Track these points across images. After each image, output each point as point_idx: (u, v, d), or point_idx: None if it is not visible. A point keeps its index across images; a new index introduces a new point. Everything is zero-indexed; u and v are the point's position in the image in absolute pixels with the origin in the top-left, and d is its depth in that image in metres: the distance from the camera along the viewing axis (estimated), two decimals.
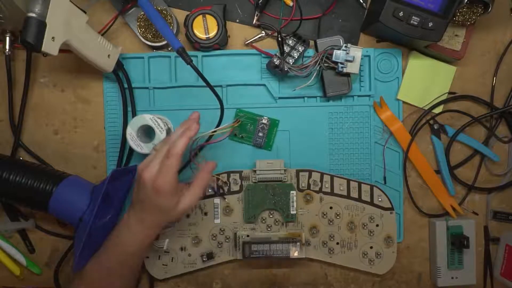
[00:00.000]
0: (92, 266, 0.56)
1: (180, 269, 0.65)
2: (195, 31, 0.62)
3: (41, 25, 0.49)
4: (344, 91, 0.64)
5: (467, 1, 0.57)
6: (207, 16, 0.62)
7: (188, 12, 0.63)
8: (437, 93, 0.67)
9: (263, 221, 0.65)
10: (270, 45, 0.66)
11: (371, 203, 0.65)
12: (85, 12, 0.56)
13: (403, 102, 0.67)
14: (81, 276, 0.57)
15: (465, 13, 0.60)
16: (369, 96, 0.66)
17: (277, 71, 0.62)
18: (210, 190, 0.64)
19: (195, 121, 0.54)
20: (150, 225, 0.54)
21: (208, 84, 0.58)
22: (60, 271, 0.66)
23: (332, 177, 0.65)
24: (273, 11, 0.65)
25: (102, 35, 0.59)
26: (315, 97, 0.66)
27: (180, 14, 0.65)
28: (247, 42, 0.66)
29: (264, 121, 0.66)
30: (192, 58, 0.57)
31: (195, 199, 0.54)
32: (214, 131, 0.62)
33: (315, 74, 0.62)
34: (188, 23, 0.62)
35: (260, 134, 0.66)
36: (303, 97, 0.66)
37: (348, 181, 0.65)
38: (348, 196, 0.65)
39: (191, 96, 0.66)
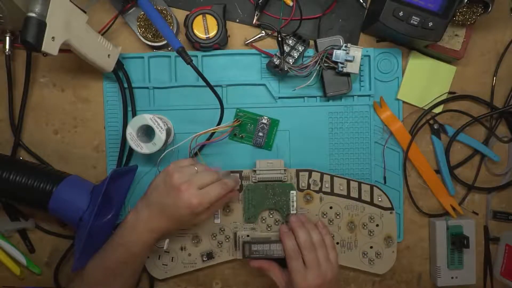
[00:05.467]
0: (93, 265, 0.56)
1: (180, 269, 0.65)
2: (195, 31, 0.62)
3: (41, 25, 0.49)
4: (344, 91, 0.64)
5: (467, 1, 0.57)
6: (207, 16, 0.62)
7: (188, 12, 0.63)
8: (437, 93, 0.67)
9: (263, 221, 0.65)
10: (270, 45, 0.66)
11: (371, 203, 0.65)
12: (85, 12, 0.56)
13: (403, 102, 0.67)
14: (82, 275, 0.57)
15: (465, 13, 0.60)
16: (369, 96, 0.66)
17: (277, 71, 0.62)
18: None
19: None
20: (159, 230, 0.55)
21: (208, 84, 0.58)
22: (60, 271, 0.66)
23: (332, 177, 0.65)
24: (273, 11, 0.65)
25: (102, 35, 0.60)
26: (315, 97, 0.66)
27: (180, 14, 0.65)
28: (247, 42, 0.66)
29: (264, 121, 0.66)
30: (192, 58, 0.57)
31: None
32: (214, 130, 0.62)
33: (315, 74, 0.62)
34: (188, 23, 0.62)
35: (260, 134, 0.66)
36: (303, 97, 0.66)
37: (348, 181, 0.65)
38: (348, 196, 0.65)
39: (191, 96, 0.66)
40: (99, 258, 0.56)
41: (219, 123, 0.62)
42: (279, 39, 0.60)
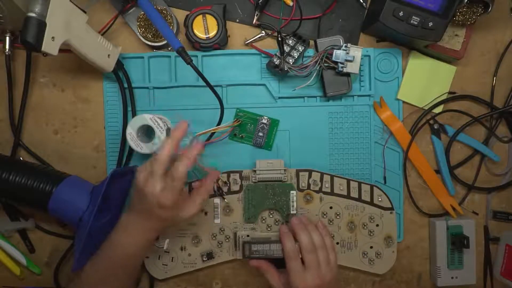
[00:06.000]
0: (90, 267, 0.56)
1: (180, 269, 0.65)
2: (195, 31, 0.62)
3: (41, 25, 0.49)
4: (344, 91, 0.64)
5: (467, 1, 0.57)
6: (207, 16, 0.62)
7: (188, 12, 0.63)
8: (437, 93, 0.67)
9: (263, 221, 0.65)
10: (270, 45, 0.66)
11: (371, 203, 0.65)
12: (85, 12, 0.56)
13: (403, 102, 0.67)
14: (79, 277, 0.57)
15: (465, 13, 0.60)
16: (369, 96, 0.66)
17: (277, 71, 0.62)
18: None
19: (197, 147, 0.53)
20: (149, 229, 0.55)
21: (208, 84, 0.58)
22: (60, 271, 0.66)
23: (332, 177, 0.65)
24: (273, 11, 0.65)
25: (102, 35, 0.59)
26: (315, 97, 0.66)
27: (180, 14, 0.65)
28: (247, 42, 0.66)
29: (264, 121, 0.66)
30: (192, 58, 0.57)
31: (197, 208, 0.55)
32: (214, 130, 0.62)
33: (315, 74, 0.62)
34: (188, 23, 0.62)
35: (260, 134, 0.66)
36: (303, 97, 0.66)
37: (348, 181, 0.65)
38: (348, 196, 0.65)
39: (191, 96, 0.66)
40: (96, 259, 0.56)
41: (219, 123, 0.62)
42: (279, 39, 0.60)
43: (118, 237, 0.55)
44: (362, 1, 0.66)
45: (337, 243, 0.65)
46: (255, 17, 0.64)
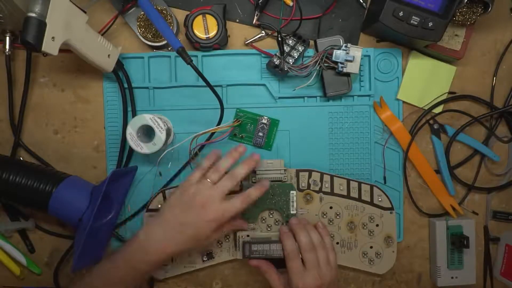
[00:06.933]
0: (97, 274, 0.54)
1: (180, 269, 0.65)
2: (195, 31, 0.62)
3: (41, 25, 0.49)
4: (344, 91, 0.64)
5: (467, 1, 0.57)
6: (207, 16, 0.62)
7: (188, 12, 0.63)
8: (437, 93, 0.67)
9: (263, 221, 0.65)
10: (270, 45, 0.66)
11: (371, 203, 0.65)
12: (85, 12, 0.56)
13: (403, 102, 0.67)
14: (84, 282, 0.55)
15: (465, 13, 0.60)
16: (369, 96, 0.66)
17: (277, 71, 0.62)
18: None
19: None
20: (172, 251, 0.54)
21: (208, 84, 0.58)
22: (60, 271, 0.66)
23: (332, 177, 0.65)
24: (273, 11, 0.65)
25: (102, 35, 0.60)
26: (315, 97, 0.66)
27: (180, 14, 0.65)
28: (247, 42, 0.66)
29: (264, 121, 0.66)
30: (192, 58, 0.57)
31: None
32: (214, 130, 0.62)
33: (315, 74, 0.62)
34: (188, 23, 0.62)
35: (260, 134, 0.66)
36: (303, 97, 0.66)
37: (348, 181, 0.65)
38: (348, 196, 0.65)
39: (191, 96, 0.66)
40: (104, 268, 0.55)
41: (219, 123, 0.62)
42: (279, 39, 0.60)
43: (134, 255, 0.54)
44: (362, 1, 0.66)
45: (337, 243, 0.65)
46: (255, 17, 0.64)
